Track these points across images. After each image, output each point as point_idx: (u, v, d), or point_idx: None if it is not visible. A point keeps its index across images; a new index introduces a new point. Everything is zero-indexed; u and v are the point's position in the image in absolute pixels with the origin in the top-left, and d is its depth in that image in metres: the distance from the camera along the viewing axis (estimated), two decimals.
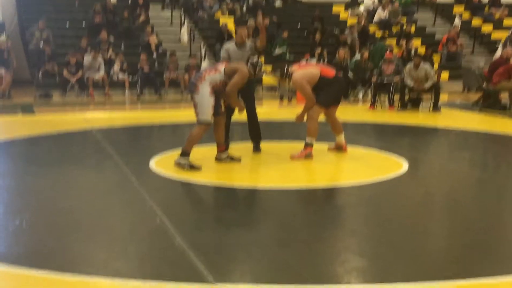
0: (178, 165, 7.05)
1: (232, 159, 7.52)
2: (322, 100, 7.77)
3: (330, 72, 7.91)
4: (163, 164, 7.42)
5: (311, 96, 7.62)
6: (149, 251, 4.55)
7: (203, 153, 7.71)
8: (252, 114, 8.14)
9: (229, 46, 7.98)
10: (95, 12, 17.42)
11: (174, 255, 4.38)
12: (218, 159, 7.51)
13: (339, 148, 8.20)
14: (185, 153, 7.08)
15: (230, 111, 7.81)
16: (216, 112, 7.22)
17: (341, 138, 8.17)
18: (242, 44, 7.91)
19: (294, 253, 4.45)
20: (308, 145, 7.76)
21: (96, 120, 11.53)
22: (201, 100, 7.03)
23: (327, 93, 7.75)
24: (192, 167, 7.02)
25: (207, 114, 7.05)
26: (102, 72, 15.54)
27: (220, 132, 7.49)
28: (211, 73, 7.06)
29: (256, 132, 8.22)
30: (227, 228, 5.12)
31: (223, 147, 7.57)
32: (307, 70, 7.84)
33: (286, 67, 7.77)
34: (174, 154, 8.09)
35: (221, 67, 7.10)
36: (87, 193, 6.27)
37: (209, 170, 7.24)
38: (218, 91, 7.12)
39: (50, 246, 4.62)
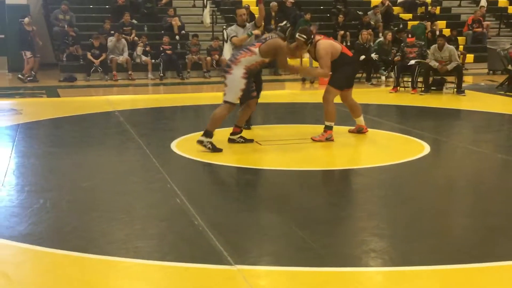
0: (201, 143, 7.09)
1: (245, 140, 7.58)
2: (336, 83, 7.76)
3: (349, 52, 7.95)
4: (184, 145, 7.46)
5: (328, 67, 7.53)
6: (169, 231, 4.60)
7: (226, 134, 7.74)
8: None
9: (233, 28, 8.54)
10: None
11: (193, 236, 4.42)
12: (231, 140, 7.57)
13: (359, 131, 8.17)
14: (208, 133, 7.13)
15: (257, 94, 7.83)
16: (248, 95, 7.35)
17: (361, 120, 8.15)
18: (243, 24, 8.49)
19: (313, 235, 4.46)
20: (327, 128, 7.75)
21: (119, 102, 11.61)
22: (232, 81, 7.14)
23: (341, 75, 7.72)
24: (214, 148, 7.06)
25: (234, 95, 7.17)
26: (125, 55, 15.61)
27: (246, 114, 7.64)
28: (247, 56, 7.14)
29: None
30: (247, 210, 5.15)
31: (238, 129, 7.62)
32: (331, 41, 7.82)
33: (312, 34, 7.58)
34: (196, 136, 8.12)
35: (255, 48, 7.16)
36: (108, 173, 6.35)
37: (230, 152, 7.27)
38: (253, 72, 7.27)
39: (72, 225, 4.69)
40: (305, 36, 7.41)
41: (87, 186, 5.81)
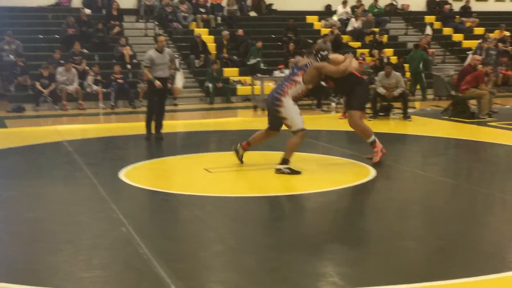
0: (279, 171, 7.38)
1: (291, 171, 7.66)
2: (356, 105, 8.00)
3: (357, 72, 8.15)
4: (133, 174, 7.42)
5: (346, 65, 7.64)
6: (114, 260, 4.56)
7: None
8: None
9: (151, 53, 10.03)
10: (68, 24, 17.37)
11: (138, 264, 4.39)
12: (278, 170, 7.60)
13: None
14: (285, 161, 7.42)
15: None
16: (278, 125, 7.68)
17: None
18: (162, 50, 10.01)
19: (259, 260, 4.49)
20: (372, 144, 8.00)
21: (68, 132, 11.48)
22: (288, 112, 7.41)
23: (358, 96, 7.97)
24: (293, 172, 7.36)
25: (299, 122, 7.47)
26: (75, 84, 15.48)
27: (261, 138, 7.99)
28: (292, 87, 7.42)
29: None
30: (193, 238, 5.14)
31: (247, 146, 7.94)
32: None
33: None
34: (145, 164, 8.12)
35: (299, 78, 7.41)
36: (54, 204, 6.26)
37: (178, 180, 7.26)
38: (298, 99, 7.61)
39: (15, 257, 4.60)
40: (326, 53, 7.65)
41: (32, 217, 5.71)
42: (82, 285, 4.05)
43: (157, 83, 10.08)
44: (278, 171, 7.38)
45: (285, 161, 7.43)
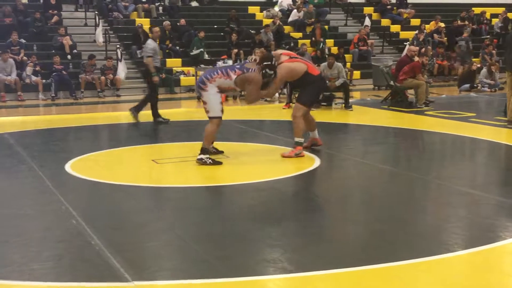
0: (200, 161, 7.41)
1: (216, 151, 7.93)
2: (304, 100, 8.07)
3: (315, 70, 8.16)
4: (78, 166, 7.40)
5: (274, 93, 7.90)
6: (65, 252, 4.58)
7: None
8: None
9: (152, 43, 10.88)
10: (4, 13, 16.91)
11: (90, 255, 4.44)
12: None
13: (315, 144, 8.44)
14: (204, 150, 7.48)
15: None
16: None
17: (315, 134, 8.46)
18: (156, 41, 10.93)
19: (208, 248, 4.61)
20: (297, 144, 7.99)
21: (8, 124, 11.25)
22: (210, 98, 7.45)
23: (309, 92, 8.03)
24: (215, 163, 7.41)
25: (217, 110, 7.51)
26: (14, 75, 15.13)
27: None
28: (222, 78, 7.42)
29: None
30: (142, 227, 5.21)
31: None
32: (295, 63, 7.97)
33: (274, 68, 7.55)
34: (90, 156, 8.09)
35: (234, 75, 7.41)
36: (0, 197, 6.18)
37: (125, 170, 7.28)
38: (223, 92, 7.61)
39: None
40: (272, 73, 7.50)
41: None
42: (34, 276, 4.07)
43: (156, 79, 11.03)
44: (200, 160, 7.41)
45: (204, 150, 7.50)
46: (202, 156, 7.44)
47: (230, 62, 15.58)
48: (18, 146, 8.78)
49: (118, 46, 17.15)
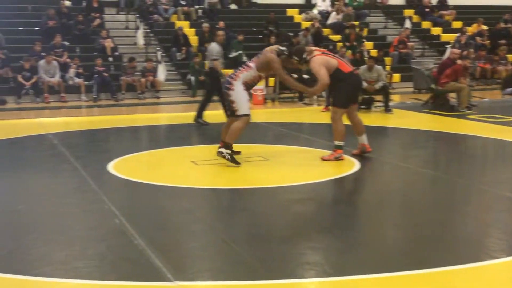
0: (220, 154, 7.53)
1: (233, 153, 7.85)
2: (339, 101, 7.92)
3: (347, 67, 8.02)
4: (121, 167, 7.51)
5: (326, 79, 7.64)
6: (109, 251, 4.66)
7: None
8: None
9: (216, 46, 10.99)
10: (48, 16, 17.28)
11: (133, 255, 4.50)
12: (219, 153, 7.69)
13: (363, 151, 8.19)
14: (227, 145, 7.55)
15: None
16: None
17: (363, 139, 8.20)
18: (223, 43, 11.20)
19: (249, 250, 4.62)
20: (337, 147, 7.93)
21: (52, 125, 11.49)
22: (237, 96, 7.53)
23: (341, 93, 7.86)
24: (233, 160, 7.48)
25: (245, 108, 7.58)
26: (57, 77, 15.45)
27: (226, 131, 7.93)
28: (244, 71, 7.55)
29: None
30: (185, 228, 5.26)
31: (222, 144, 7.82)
32: (325, 57, 7.90)
33: (303, 54, 7.70)
34: (132, 157, 8.21)
35: (252, 64, 7.55)
36: (44, 196, 6.33)
37: (166, 171, 7.36)
38: (250, 86, 7.71)
39: (9, 247, 4.68)
40: (297, 58, 7.64)
41: (22, 209, 5.79)
42: (79, 275, 4.15)
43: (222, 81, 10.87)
44: (220, 154, 7.53)
45: (226, 145, 7.57)
46: (223, 149, 7.54)
47: None
48: (61, 146, 8.96)
49: (158, 48, 17.36)
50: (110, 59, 17.01)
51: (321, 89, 7.90)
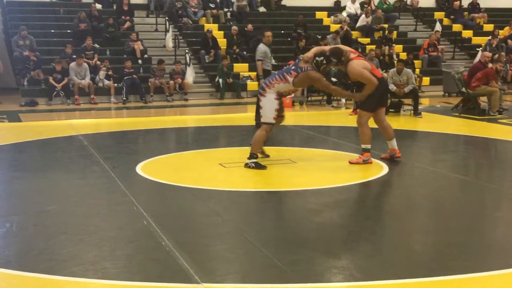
0: (246, 166, 7.57)
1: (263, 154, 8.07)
2: (367, 105, 7.88)
3: (378, 72, 8.06)
4: (149, 168, 7.56)
5: (372, 79, 7.59)
6: (137, 252, 4.69)
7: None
8: None
9: (263, 47, 10.83)
10: (80, 19, 17.51)
11: (161, 256, 4.53)
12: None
13: (392, 156, 8.14)
14: (252, 155, 7.60)
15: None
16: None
17: (393, 144, 8.15)
18: (268, 45, 11.00)
19: (278, 253, 4.61)
20: (364, 151, 7.90)
21: (82, 126, 11.63)
22: (266, 104, 7.61)
23: (369, 97, 7.75)
24: (258, 166, 7.52)
25: (270, 116, 7.61)
26: (87, 79, 15.65)
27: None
28: (281, 83, 7.55)
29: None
30: (213, 229, 5.28)
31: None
32: (362, 60, 7.89)
33: (341, 56, 7.62)
34: (160, 159, 8.27)
35: (290, 78, 7.50)
36: (74, 197, 6.40)
37: (195, 173, 7.39)
38: (284, 95, 7.85)
39: (40, 247, 4.74)
40: (336, 60, 7.58)
41: (52, 210, 5.86)
42: (107, 275, 4.18)
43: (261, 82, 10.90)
44: (246, 165, 7.58)
45: (252, 155, 7.61)
46: (248, 161, 7.59)
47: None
48: (91, 147, 9.07)
49: (187, 51, 17.46)
50: (140, 61, 17.16)
51: (369, 91, 7.67)
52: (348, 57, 7.67)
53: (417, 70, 18.28)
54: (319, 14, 21.76)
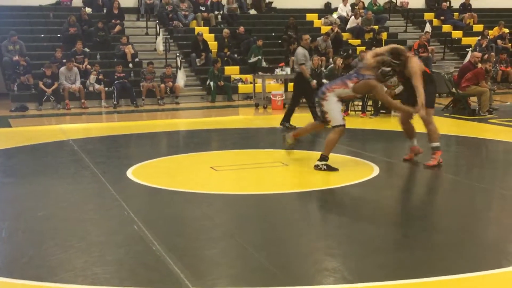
0: (317, 167, 7.54)
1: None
2: (429, 102, 7.85)
3: (427, 69, 8.08)
4: (140, 173, 7.53)
5: (421, 86, 7.59)
6: (127, 257, 4.66)
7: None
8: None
9: (303, 50, 11.03)
10: (69, 23, 17.46)
11: (152, 261, 4.50)
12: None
13: (416, 153, 8.23)
14: (323, 157, 7.57)
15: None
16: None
17: (414, 141, 8.27)
18: (308, 48, 11.39)
19: (269, 256, 4.60)
20: (435, 149, 7.90)
21: (72, 131, 11.59)
22: (330, 108, 7.58)
23: (428, 93, 7.75)
24: (330, 169, 7.48)
25: (339, 118, 7.61)
26: (78, 83, 15.59)
27: (310, 130, 8.48)
28: (341, 88, 7.53)
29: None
30: (203, 234, 5.25)
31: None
32: (417, 59, 7.87)
33: (403, 56, 7.62)
34: (151, 163, 8.24)
35: (351, 84, 7.49)
36: (64, 202, 6.37)
37: (186, 177, 7.37)
38: (344, 99, 7.90)
39: (29, 254, 4.71)
40: (397, 62, 7.54)
41: (42, 215, 5.83)
42: (98, 281, 4.16)
43: (313, 83, 11.18)
44: (316, 167, 7.55)
45: (323, 157, 7.58)
46: (318, 163, 7.55)
47: (288, 70, 15.55)
48: (82, 152, 9.03)
49: (177, 54, 17.45)
50: (130, 65, 17.13)
51: (422, 96, 7.63)
52: (406, 55, 7.69)
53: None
54: (309, 16, 21.80)
